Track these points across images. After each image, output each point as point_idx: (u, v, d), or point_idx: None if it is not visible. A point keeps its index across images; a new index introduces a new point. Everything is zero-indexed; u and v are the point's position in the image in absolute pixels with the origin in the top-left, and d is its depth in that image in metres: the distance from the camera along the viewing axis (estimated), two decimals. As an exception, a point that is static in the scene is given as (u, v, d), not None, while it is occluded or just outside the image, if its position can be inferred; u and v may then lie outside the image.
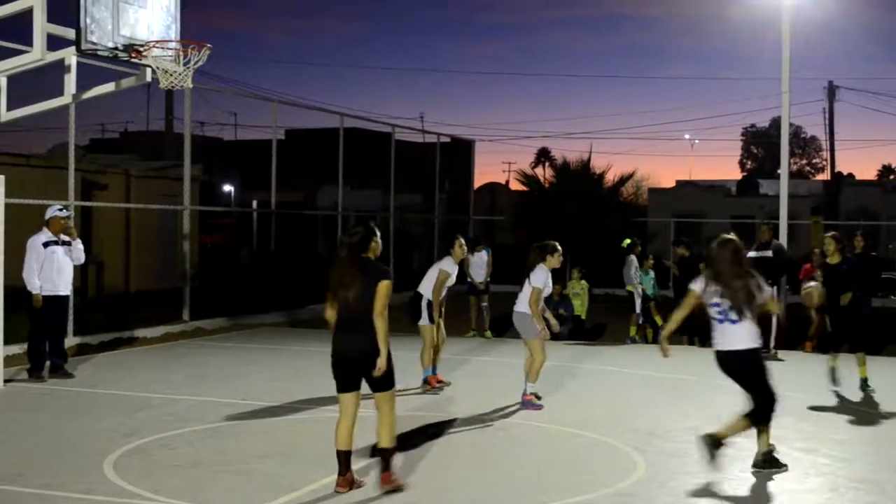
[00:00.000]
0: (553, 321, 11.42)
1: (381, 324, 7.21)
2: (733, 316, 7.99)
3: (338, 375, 7.35)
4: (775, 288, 16.29)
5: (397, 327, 10.07)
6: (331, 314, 7.42)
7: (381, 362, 7.19)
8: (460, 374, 13.34)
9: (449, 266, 12.04)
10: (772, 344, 16.02)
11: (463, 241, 12.38)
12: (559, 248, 11.18)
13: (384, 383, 7.35)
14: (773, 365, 11.05)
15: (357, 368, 7.26)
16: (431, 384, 11.94)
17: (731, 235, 8.30)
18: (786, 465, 8.31)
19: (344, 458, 7.35)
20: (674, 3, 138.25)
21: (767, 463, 8.26)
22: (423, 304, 11.86)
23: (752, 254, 16.51)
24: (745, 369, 8.15)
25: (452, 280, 12.09)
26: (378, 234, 7.58)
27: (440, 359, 12.20)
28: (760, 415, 8.13)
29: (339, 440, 7.34)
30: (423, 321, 11.85)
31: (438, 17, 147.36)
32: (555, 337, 17.59)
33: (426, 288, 11.92)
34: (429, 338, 11.88)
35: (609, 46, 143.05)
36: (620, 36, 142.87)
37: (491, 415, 10.49)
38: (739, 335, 8.03)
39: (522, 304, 11.08)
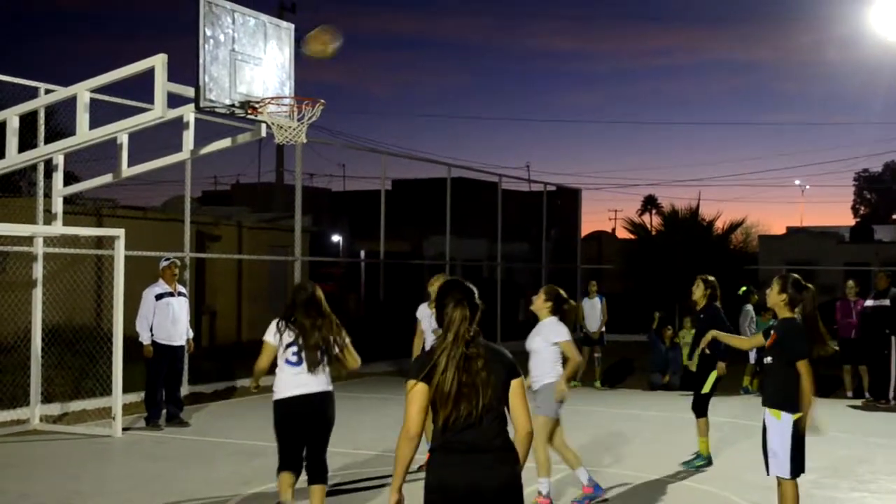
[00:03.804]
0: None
1: (529, 444, 4.78)
2: None
3: None
4: (893, 338, 15.89)
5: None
6: (416, 429, 4.66)
7: None
8: (569, 425, 13.21)
9: (419, 312, 10.67)
10: (891, 394, 15.60)
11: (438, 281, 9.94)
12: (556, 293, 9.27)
13: None
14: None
15: None
16: None
17: None
18: None
19: None
20: (779, 47, 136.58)
21: None
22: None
23: (869, 302, 16.13)
24: None
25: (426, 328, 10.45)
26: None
27: None
28: None
29: None
30: None
31: (542, 67, 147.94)
32: (666, 387, 17.51)
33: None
34: None
35: (713, 92, 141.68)
36: (724, 81, 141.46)
37: (601, 466, 10.37)
38: None
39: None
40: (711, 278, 11.02)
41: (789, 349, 7.25)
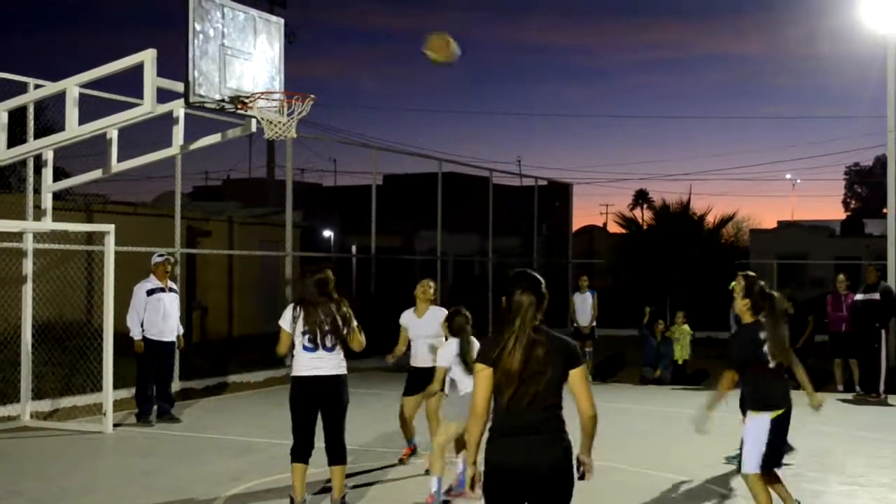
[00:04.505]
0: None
1: (592, 427, 5.16)
2: None
3: (501, 499, 4.97)
4: (883, 332, 15.92)
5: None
6: (482, 411, 4.98)
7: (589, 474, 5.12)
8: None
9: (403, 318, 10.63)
10: (881, 388, 15.63)
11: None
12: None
13: None
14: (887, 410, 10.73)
15: (538, 489, 4.94)
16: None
17: None
18: None
19: None
20: (770, 41, 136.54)
21: None
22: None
23: (859, 296, 16.15)
24: None
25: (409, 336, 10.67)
26: None
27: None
28: None
29: None
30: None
31: (534, 62, 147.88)
32: (657, 382, 17.53)
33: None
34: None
35: (704, 87, 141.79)
36: (714, 75, 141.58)
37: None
38: None
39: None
40: (752, 274, 10.75)
41: (731, 353, 7.72)
